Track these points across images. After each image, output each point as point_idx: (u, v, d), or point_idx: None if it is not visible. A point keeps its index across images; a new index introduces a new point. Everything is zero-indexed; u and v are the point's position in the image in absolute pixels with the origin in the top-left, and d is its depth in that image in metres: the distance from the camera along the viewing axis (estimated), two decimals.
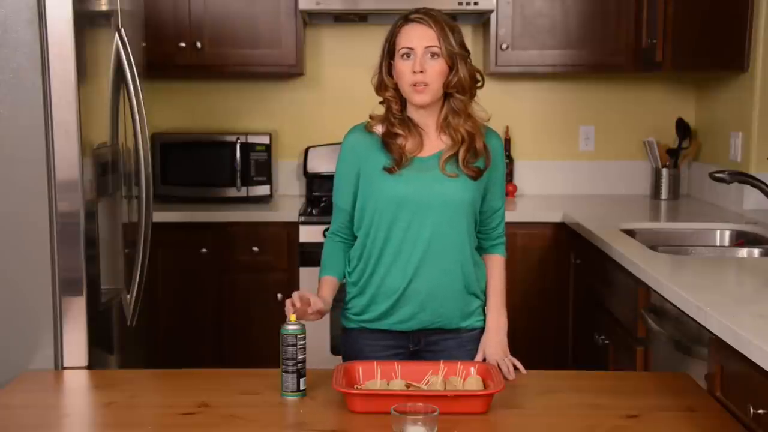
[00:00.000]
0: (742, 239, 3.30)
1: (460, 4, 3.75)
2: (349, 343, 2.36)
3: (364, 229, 2.29)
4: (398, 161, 2.23)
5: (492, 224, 2.36)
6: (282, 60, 3.99)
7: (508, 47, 3.96)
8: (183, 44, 3.93)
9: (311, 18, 4.14)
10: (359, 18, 4.13)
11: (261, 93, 4.31)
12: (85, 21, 2.51)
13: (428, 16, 2.21)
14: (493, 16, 3.94)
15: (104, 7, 2.73)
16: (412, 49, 2.19)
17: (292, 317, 2.06)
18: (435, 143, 2.28)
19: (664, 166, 4.16)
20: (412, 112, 2.28)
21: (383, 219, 2.25)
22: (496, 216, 2.36)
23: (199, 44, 3.94)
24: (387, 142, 2.25)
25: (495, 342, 2.31)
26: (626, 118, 4.34)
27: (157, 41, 3.77)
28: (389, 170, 2.23)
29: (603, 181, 4.37)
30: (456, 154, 2.24)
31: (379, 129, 2.29)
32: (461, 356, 2.25)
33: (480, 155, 2.26)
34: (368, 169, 2.27)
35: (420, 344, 2.32)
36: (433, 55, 2.20)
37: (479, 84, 2.28)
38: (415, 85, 2.20)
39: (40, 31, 2.35)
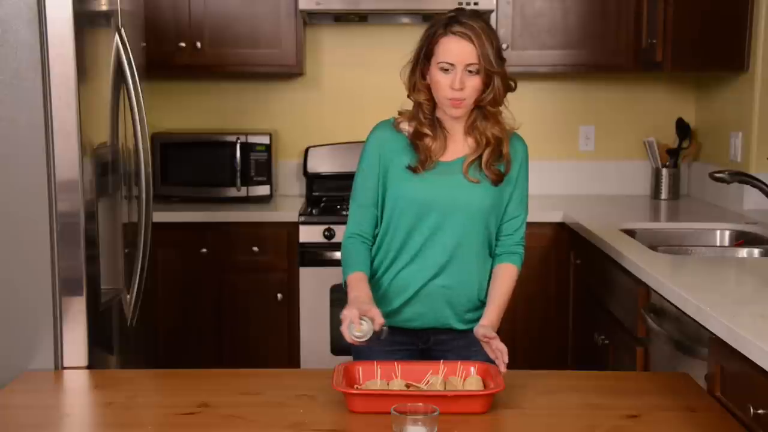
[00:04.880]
0: (742, 239, 3.30)
1: (460, 3, 3.75)
2: None
3: (383, 227, 2.29)
4: (423, 162, 2.23)
5: (508, 231, 2.32)
6: (282, 60, 3.99)
7: (508, 47, 3.96)
8: (183, 44, 3.93)
9: (311, 18, 4.14)
10: (359, 18, 4.12)
11: (261, 93, 4.31)
12: (85, 21, 2.50)
13: (470, 29, 2.16)
14: (493, 16, 3.94)
15: (104, 7, 2.73)
16: (452, 64, 2.17)
17: (358, 329, 2.08)
18: (460, 147, 2.27)
19: (664, 166, 4.16)
20: (441, 114, 2.28)
21: (404, 220, 2.25)
22: (514, 222, 2.31)
23: (199, 44, 3.93)
24: (415, 142, 2.25)
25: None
26: (626, 118, 4.34)
27: (157, 41, 3.77)
28: (413, 169, 2.23)
29: (603, 181, 4.36)
30: (480, 157, 2.24)
31: (405, 126, 2.29)
32: (470, 356, 2.20)
33: (504, 159, 2.26)
34: (393, 168, 2.27)
35: (429, 342, 2.33)
36: (471, 71, 2.18)
37: (512, 90, 2.28)
38: (451, 100, 2.19)
39: (40, 31, 2.35)
